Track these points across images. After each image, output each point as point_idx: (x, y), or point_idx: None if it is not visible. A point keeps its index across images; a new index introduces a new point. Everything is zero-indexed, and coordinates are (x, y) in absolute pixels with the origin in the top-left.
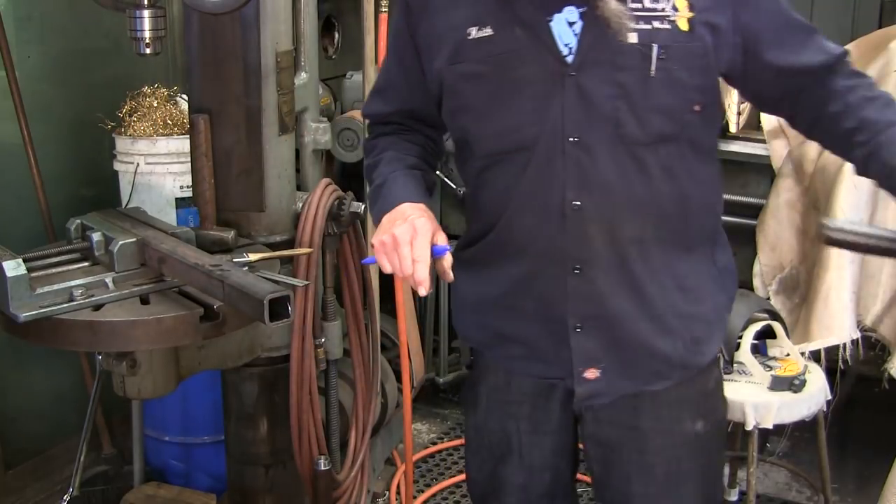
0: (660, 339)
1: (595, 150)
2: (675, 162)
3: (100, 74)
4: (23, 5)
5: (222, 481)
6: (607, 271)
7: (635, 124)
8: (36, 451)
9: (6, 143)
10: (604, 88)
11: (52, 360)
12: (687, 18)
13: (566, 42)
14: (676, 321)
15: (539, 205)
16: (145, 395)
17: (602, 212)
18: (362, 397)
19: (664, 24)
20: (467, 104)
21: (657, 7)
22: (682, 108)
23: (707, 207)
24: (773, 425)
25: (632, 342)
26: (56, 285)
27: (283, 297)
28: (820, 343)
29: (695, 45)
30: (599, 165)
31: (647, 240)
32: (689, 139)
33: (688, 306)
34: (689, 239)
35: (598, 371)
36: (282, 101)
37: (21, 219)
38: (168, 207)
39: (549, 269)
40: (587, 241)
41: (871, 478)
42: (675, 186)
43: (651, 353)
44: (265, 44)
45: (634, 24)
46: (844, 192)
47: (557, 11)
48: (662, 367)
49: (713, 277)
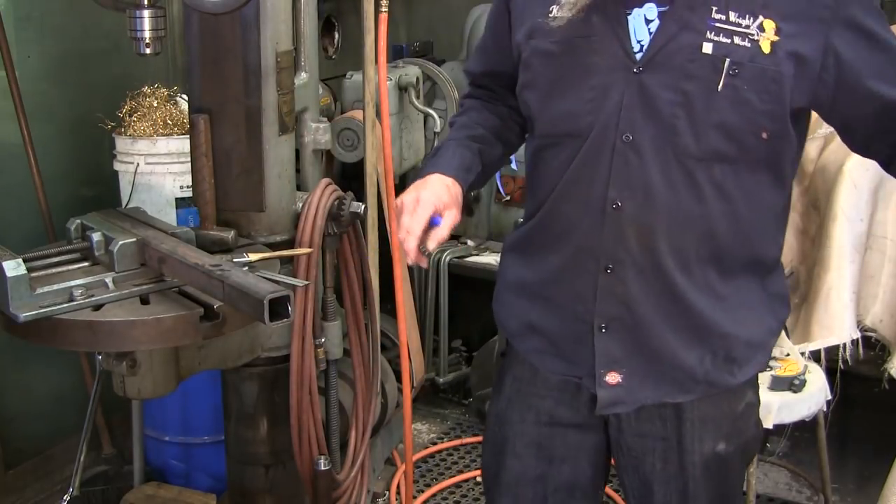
0: (686, 351)
1: (645, 154)
2: (730, 183)
3: (100, 74)
4: (23, 5)
5: (222, 481)
6: (640, 275)
7: (691, 136)
8: (36, 451)
9: (6, 143)
10: (666, 93)
11: (52, 360)
12: (771, 42)
13: (639, 38)
14: (710, 337)
15: (581, 197)
16: (145, 395)
17: (642, 216)
18: (362, 397)
19: (745, 41)
20: (535, 81)
21: (741, 23)
22: (745, 129)
23: (764, 235)
24: (773, 425)
25: (656, 350)
26: (56, 285)
27: (283, 297)
28: (820, 343)
29: (772, 70)
30: (647, 170)
31: (689, 253)
32: (752, 163)
33: (727, 325)
34: (738, 262)
35: (620, 376)
36: (282, 101)
37: (21, 219)
38: (168, 207)
39: (584, 263)
40: (623, 242)
41: (871, 478)
42: (727, 207)
43: (674, 363)
44: (265, 44)
45: (714, 35)
46: (844, 192)
47: (638, 6)
48: (686, 379)
49: (762, 301)
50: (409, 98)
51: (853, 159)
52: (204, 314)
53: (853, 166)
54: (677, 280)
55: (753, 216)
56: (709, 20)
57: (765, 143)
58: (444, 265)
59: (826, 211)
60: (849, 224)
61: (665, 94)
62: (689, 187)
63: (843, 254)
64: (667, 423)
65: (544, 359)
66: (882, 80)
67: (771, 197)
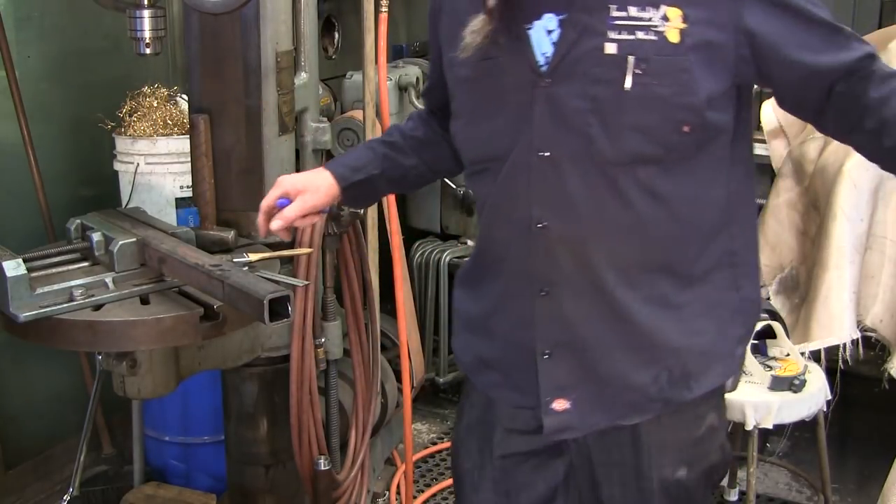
0: (637, 372)
1: (563, 168)
2: (661, 185)
3: (100, 74)
4: (23, 5)
5: (222, 481)
6: (578, 296)
7: (607, 142)
8: (36, 451)
9: (6, 143)
10: (576, 102)
11: (52, 360)
12: (679, 30)
13: (544, 51)
14: (662, 354)
15: (508, 221)
16: (145, 395)
17: (570, 234)
18: (362, 397)
19: (649, 34)
20: (458, 110)
21: (643, 17)
22: (663, 126)
23: (717, 233)
24: (773, 425)
25: (605, 373)
26: (56, 285)
27: (283, 297)
28: (820, 343)
29: (682, 60)
30: (567, 184)
31: (631, 266)
32: (681, 159)
33: (682, 337)
34: (691, 266)
35: (569, 402)
36: (282, 101)
37: (21, 219)
38: (168, 207)
39: (520, 289)
40: (555, 263)
41: (871, 477)
42: (663, 211)
43: (626, 384)
44: (265, 44)
45: (616, 34)
46: (844, 191)
47: (537, 18)
48: (640, 399)
49: (724, 306)
50: (409, 98)
51: (853, 159)
52: (204, 314)
53: (853, 166)
54: (620, 297)
55: (700, 214)
56: (608, 19)
57: (690, 136)
58: (444, 265)
59: (826, 211)
60: (849, 224)
61: (574, 103)
62: (614, 196)
63: (842, 254)
64: (623, 449)
65: (500, 392)
66: (802, 49)
67: (717, 189)
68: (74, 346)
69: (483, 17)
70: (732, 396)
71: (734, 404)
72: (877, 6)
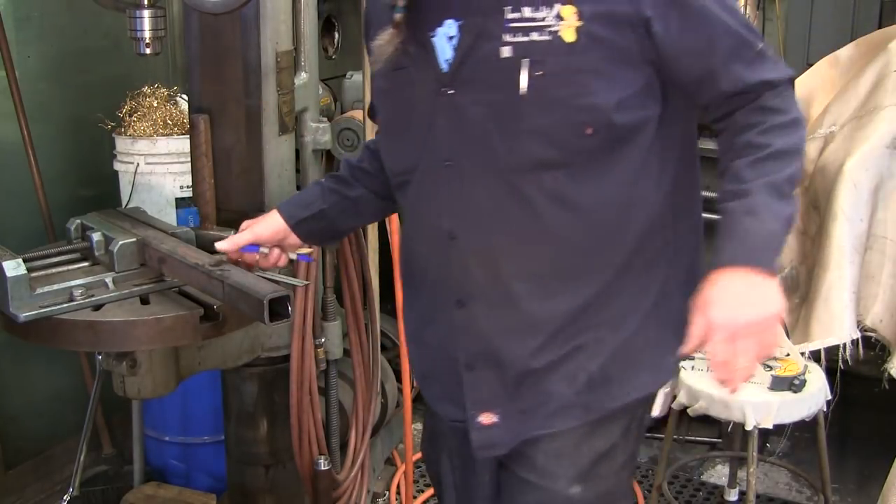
0: (555, 381)
1: (468, 177)
2: (571, 191)
3: (99, 74)
4: (22, 5)
5: (222, 481)
6: (493, 307)
7: (507, 149)
8: (36, 451)
9: (6, 143)
10: (476, 108)
11: (52, 360)
12: (575, 28)
13: (446, 58)
14: (581, 360)
15: (425, 232)
16: (145, 395)
17: (480, 245)
18: (362, 397)
19: (543, 35)
20: (381, 121)
21: (537, 17)
22: (564, 131)
23: (646, 236)
24: (773, 425)
25: (524, 384)
26: (56, 285)
27: (283, 297)
28: (820, 343)
29: (580, 60)
30: (473, 193)
31: (544, 274)
32: (591, 164)
33: (599, 345)
34: (611, 272)
35: (496, 416)
36: (282, 101)
37: (21, 219)
38: (168, 207)
39: (441, 301)
40: (468, 274)
41: (871, 478)
42: (577, 218)
43: (545, 394)
44: (265, 44)
45: (511, 36)
46: (844, 191)
47: (439, 25)
48: (559, 408)
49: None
50: None
51: (853, 159)
52: (204, 314)
53: (853, 166)
54: (533, 307)
55: (622, 217)
56: (504, 22)
57: (593, 139)
58: None
59: (826, 211)
60: (849, 224)
61: (474, 109)
62: (520, 204)
63: (843, 254)
64: (528, 460)
65: (440, 404)
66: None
67: (643, 190)
68: (75, 346)
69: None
70: (733, 396)
71: (735, 404)
72: (877, 6)
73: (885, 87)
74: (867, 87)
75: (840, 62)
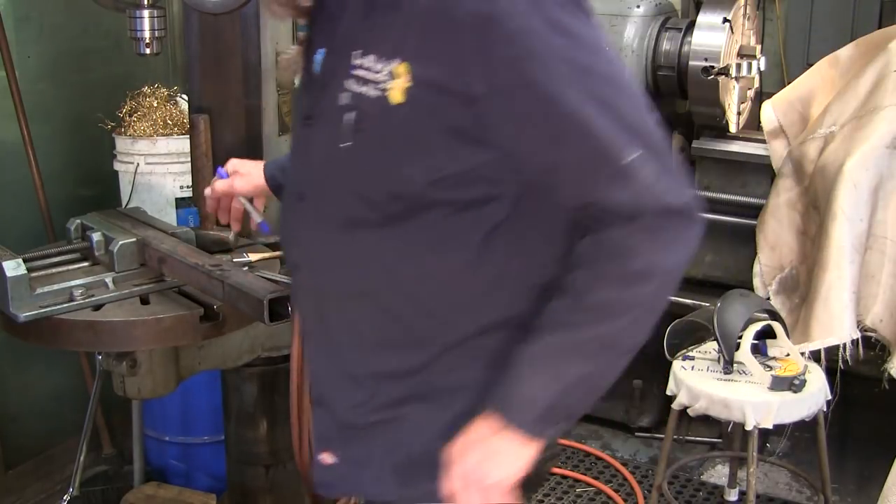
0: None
1: (309, 215)
2: (379, 252)
3: (100, 74)
4: (22, 5)
5: (222, 481)
6: (320, 349)
7: (333, 198)
8: (36, 451)
9: (6, 142)
10: (319, 149)
11: (52, 360)
12: (404, 88)
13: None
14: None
15: (288, 259)
16: (145, 395)
17: (311, 284)
18: None
19: (373, 90)
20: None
21: (374, 68)
22: (379, 192)
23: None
24: (773, 425)
25: (355, 437)
26: (56, 285)
27: (283, 297)
28: (820, 343)
29: (401, 125)
30: (311, 232)
31: (364, 332)
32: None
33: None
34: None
35: (335, 458)
36: (282, 100)
37: (21, 219)
38: (168, 207)
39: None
40: (304, 310)
41: (871, 478)
42: (388, 281)
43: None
44: (265, 43)
45: (352, 84)
46: (844, 191)
47: (315, 53)
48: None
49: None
50: None
51: (853, 159)
52: (204, 314)
53: (853, 166)
54: (354, 360)
55: (427, 290)
56: (350, 67)
57: (413, 209)
58: None
59: (826, 211)
60: (849, 224)
61: (318, 150)
62: (346, 256)
63: (842, 254)
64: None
65: None
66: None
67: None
68: (75, 347)
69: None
70: (733, 396)
71: (734, 404)
72: (877, 6)
73: (885, 87)
74: (867, 87)
75: (840, 62)
